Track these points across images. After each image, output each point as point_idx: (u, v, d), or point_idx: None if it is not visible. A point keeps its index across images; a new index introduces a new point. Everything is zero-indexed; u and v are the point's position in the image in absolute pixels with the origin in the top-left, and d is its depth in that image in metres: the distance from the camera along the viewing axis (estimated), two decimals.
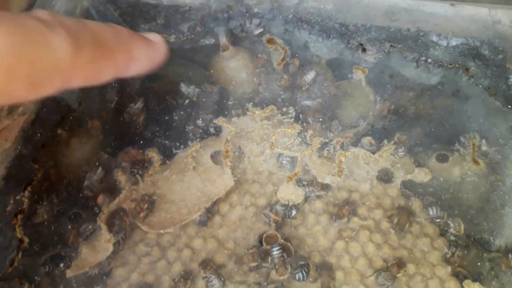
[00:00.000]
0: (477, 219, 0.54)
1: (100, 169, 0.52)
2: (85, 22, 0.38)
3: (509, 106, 0.57)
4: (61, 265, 0.45)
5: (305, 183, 0.51)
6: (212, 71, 0.59)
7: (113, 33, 0.41)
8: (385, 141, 0.54)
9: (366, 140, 0.54)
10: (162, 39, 0.47)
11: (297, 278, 0.47)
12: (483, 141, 0.55)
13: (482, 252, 0.53)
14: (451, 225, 0.52)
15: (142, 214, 0.48)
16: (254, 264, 0.48)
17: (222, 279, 0.47)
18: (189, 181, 0.51)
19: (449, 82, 0.60)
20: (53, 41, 0.33)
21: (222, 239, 0.51)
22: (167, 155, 0.52)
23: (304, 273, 0.47)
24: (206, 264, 0.48)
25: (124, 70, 0.43)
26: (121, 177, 0.51)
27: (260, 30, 0.60)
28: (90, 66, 0.38)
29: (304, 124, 0.55)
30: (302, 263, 0.48)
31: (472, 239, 0.53)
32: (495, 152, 0.54)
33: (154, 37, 0.47)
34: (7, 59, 0.30)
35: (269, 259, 0.47)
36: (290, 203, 0.51)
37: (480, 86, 0.59)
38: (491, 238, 0.54)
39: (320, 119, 0.55)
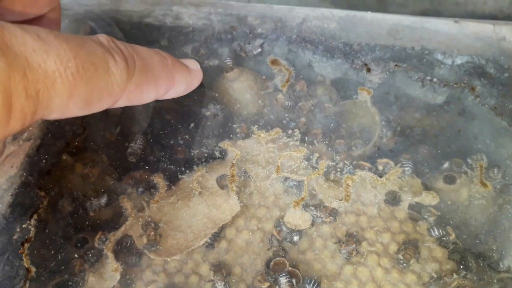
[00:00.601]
0: (486, 240, 0.54)
1: (105, 195, 0.51)
2: (137, 49, 0.41)
3: None
4: None
5: (313, 208, 0.51)
6: (216, 94, 0.59)
7: (159, 60, 0.44)
8: (392, 163, 0.54)
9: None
10: (199, 67, 0.51)
11: None
12: (491, 163, 0.55)
13: (490, 273, 0.53)
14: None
15: (148, 242, 0.48)
16: (266, 284, 0.47)
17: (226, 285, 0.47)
18: (195, 207, 0.51)
19: (455, 101, 0.60)
20: (112, 67, 0.36)
21: (229, 265, 0.50)
22: (172, 180, 0.52)
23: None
24: (218, 269, 0.48)
25: (164, 94, 0.47)
26: (127, 204, 0.51)
27: (259, 50, 0.60)
28: (136, 89, 0.40)
29: (310, 146, 0.55)
30: (312, 280, 0.48)
31: (481, 261, 0.52)
32: (503, 174, 0.54)
33: (193, 64, 0.51)
34: (71, 81, 0.32)
35: (277, 287, 0.47)
36: (297, 228, 0.51)
37: (486, 106, 0.58)
38: (500, 259, 0.53)
39: (327, 142, 0.55)
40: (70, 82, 0.32)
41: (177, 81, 0.47)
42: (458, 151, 0.56)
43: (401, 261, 0.49)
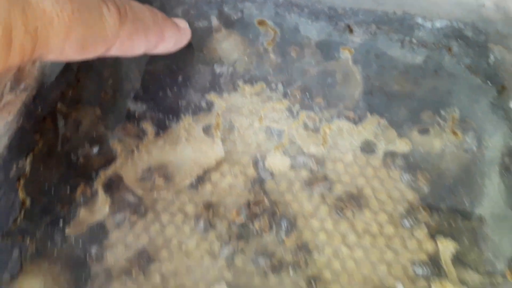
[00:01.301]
0: (458, 190, 0.57)
1: (98, 142, 0.55)
2: (129, 1, 0.43)
3: (489, 83, 0.59)
4: (60, 224, 0.49)
5: (291, 153, 0.54)
6: (205, 52, 0.62)
7: (150, 14, 0.47)
8: (369, 114, 0.57)
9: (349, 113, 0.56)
10: (188, 26, 0.56)
11: (277, 236, 0.50)
12: (463, 115, 0.58)
13: (461, 221, 0.55)
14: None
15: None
16: (239, 219, 0.51)
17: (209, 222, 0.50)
18: (181, 151, 0.55)
19: (433, 61, 0.63)
20: (105, 13, 0.39)
21: (213, 205, 0.53)
22: (161, 127, 0.56)
23: (283, 234, 0.50)
24: (206, 208, 0.52)
25: (154, 48, 0.50)
26: (117, 147, 0.54)
27: (247, 12, 0.64)
28: (127, 39, 0.43)
29: (292, 99, 0.58)
30: (285, 226, 0.51)
31: (452, 209, 0.55)
32: (473, 124, 0.57)
33: (182, 23, 0.56)
34: (67, 21, 0.34)
35: (255, 220, 0.50)
36: (277, 172, 0.54)
37: (462, 65, 0.61)
38: (472, 208, 0.56)
39: (307, 95, 0.58)
40: (66, 23, 0.34)
41: (167, 35, 0.50)
42: (432, 105, 0.59)
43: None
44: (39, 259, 0.47)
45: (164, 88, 0.59)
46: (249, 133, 0.56)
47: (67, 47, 0.36)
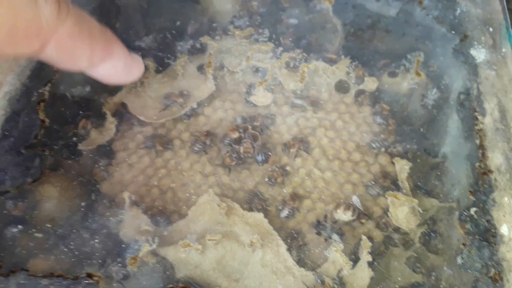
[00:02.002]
0: (424, 129, 0.64)
1: None
2: (74, 5, 0.39)
3: (453, 32, 0.67)
4: (74, 139, 0.58)
5: (273, 87, 0.62)
6: (201, 6, 0.70)
7: (98, 25, 0.42)
8: (343, 57, 0.65)
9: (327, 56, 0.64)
10: (141, 60, 0.50)
11: (258, 159, 0.58)
12: (427, 58, 0.66)
13: (427, 159, 0.62)
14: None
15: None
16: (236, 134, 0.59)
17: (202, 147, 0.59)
18: (178, 85, 0.63)
19: (404, 13, 0.70)
20: (40, 3, 0.34)
21: (207, 134, 0.62)
22: (160, 64, 0.64)
23: (264, 158, 0.59)
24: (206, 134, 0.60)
25: (98, 63, 0.43)
26: None
27: None
28: (67, 39, 0.38)
29: (276, 42, 0.66)
30: (266, 152, 0.59)
31: (418, 148, 0.62)
32: (435, 67, 0.65)
33: (136, 55, 0.50)
34: None
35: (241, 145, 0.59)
36: (260, 104, 0.62)
37: (430, 16, 0.69)
38: (437, 147, 0.63)
39: (290, 39, 0.66)
40: None
41: (115, 54, 0.45)
42: (401, 50, 0.66)
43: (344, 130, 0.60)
44: (56, 170, 0.56)
45: (163, 32, 0.67)
46: (237, 70, 0.65)
47: None
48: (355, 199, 0.56)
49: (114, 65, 0.46)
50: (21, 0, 0.33)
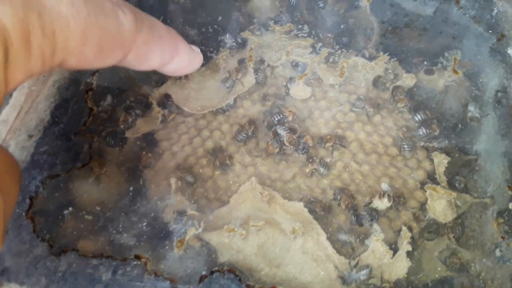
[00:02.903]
0: (459, 126, 0.65)
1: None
2: (143, 11, 0.43)
3: (490, 31, 0.68)
4: (122, 127, 0.60)
5: (312, 81, 0.64)
6: (239, 3, 0.72)
7: (164, 27, 0.47)
8: (381, 53, 0.66)
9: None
10: (199, 51, 0.55)
11: (299, 151, 0.60)
12: (463, 57, 0.66)
13: (460, 156, 0.63)
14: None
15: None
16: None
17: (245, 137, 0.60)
18: (219, 78, 0.65)
19: (441, 12, 0.71)
20: (121, 16, 0.38)
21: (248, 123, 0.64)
22: (203, 57, 0.66)
23: (305, 150, 0.60)
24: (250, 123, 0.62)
25: (168, 62, 0.49)
26: None
27: None
28: (143, 46, 0.42)
29: (316, 38, 0.68)
30: (305, 144, 0.61)
31: (453, 144, 0.63)
32: (472, 65, 0.66)
33: (195, 47, 0.55)
34: (83, 24, 0.34)
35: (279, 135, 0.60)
36: (299, 98, 0.64)
37: (467, 15, 0.70)
38: (470, 144, 0.63)
39: (329, 35, 0.68)
40: (83, 25, 0.34)
41: (181, 50, 0.50)
42: (438, 48, 0.67)
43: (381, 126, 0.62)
44: (104, 156, 0.59)
45: (206, 26, 0.69)
46: (277, 64, 0.66)
47: (86, 49, 0.36)
48: (384, 186, 0.57)
49: (181, 61, 0.50)
50: (105, 16, 0.37)
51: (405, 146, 0.61)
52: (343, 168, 0.61)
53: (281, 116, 0.61)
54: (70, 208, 0.53)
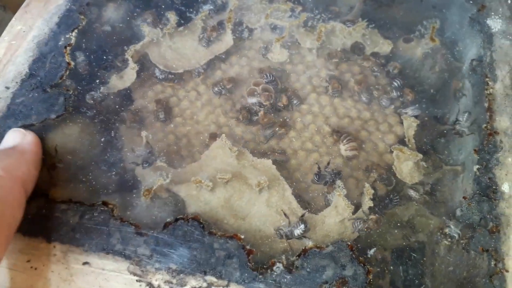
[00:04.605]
0: (435, 97, 0.65)
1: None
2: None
3: (471, 2, 0.68)
4: (97, 81, 0.61)
5: (290, 44, 0.64)
6: None
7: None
8: (360, 19, 0.66)
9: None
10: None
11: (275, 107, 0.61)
12: (442, 25, 0.67)
13: (436, 125, 0.64)
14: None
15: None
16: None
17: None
18: (197, 38, 0.65)
19: None
20: None
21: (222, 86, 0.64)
22: (182, 17, 0.66)
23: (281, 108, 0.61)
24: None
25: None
26: (145, 29, 0.65)
27: None
28: None
29: (295, 2, 0.68)
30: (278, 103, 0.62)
31: (428, 114, 0.63)
32: (450, 34, 0.66)
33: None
34: None
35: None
36: (276, 61, 0.64)
37: None
38: (447, 115, 0.64)
39: (309, 0, 0.68)
40: None
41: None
42: (417, 16, 0.68)
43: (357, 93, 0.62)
44: (78, 108, 0.59)
45: None
46: (255, 27, 0.67)
47: None
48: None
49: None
50: None
51: (384, 100, 0.62)
52: (316, 131, 0.62)
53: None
54: (42, 156, 0.54)
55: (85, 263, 0.47)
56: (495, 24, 0.66)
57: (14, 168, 0.47)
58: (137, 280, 0.46)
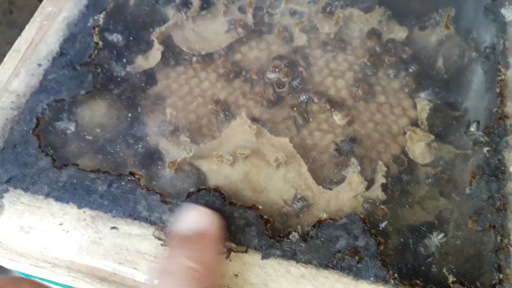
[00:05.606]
0: (449, 83, 0.67)
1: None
2: None
3: None
4: (124, 61, 0.64)
5: (308, 28, 0.67)
6: None
7: None
8: (377, 6, 0.69)
9: None
10: None
11: (294, 85, 0.63)
12: (457, 13, 0.69)
13: (448, 111, 0.65)
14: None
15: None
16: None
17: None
18: (219, 20, 0.68)
19: None
20: None
21: (242, 69, 0.67)
22: (205, 1, 0.69)
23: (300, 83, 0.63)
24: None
25: None
26: (170, 11, 0.68)
27: None
28: None
29: None
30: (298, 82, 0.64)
31: (441, 100, 0.65)
32: (465, 22, 0.68)
33: None
34: None
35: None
36: (295, 45, 0.67)
37: None
38: (459, 101, 0.66)
39: None
40: None
41: None
42: (433, 4, 0.70)
43: (371, 70, 0.64)
44: (106, 85, 0.63)
45: None
46: (275, 12, 0.69)
47: None
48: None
49: None
50: None
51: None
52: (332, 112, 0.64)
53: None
54: (73, 129, 0.58)
55: (113, 228, 0.51)
56: (509, 13, 0.68)
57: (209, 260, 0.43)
58: (161, 245, 0.49)
